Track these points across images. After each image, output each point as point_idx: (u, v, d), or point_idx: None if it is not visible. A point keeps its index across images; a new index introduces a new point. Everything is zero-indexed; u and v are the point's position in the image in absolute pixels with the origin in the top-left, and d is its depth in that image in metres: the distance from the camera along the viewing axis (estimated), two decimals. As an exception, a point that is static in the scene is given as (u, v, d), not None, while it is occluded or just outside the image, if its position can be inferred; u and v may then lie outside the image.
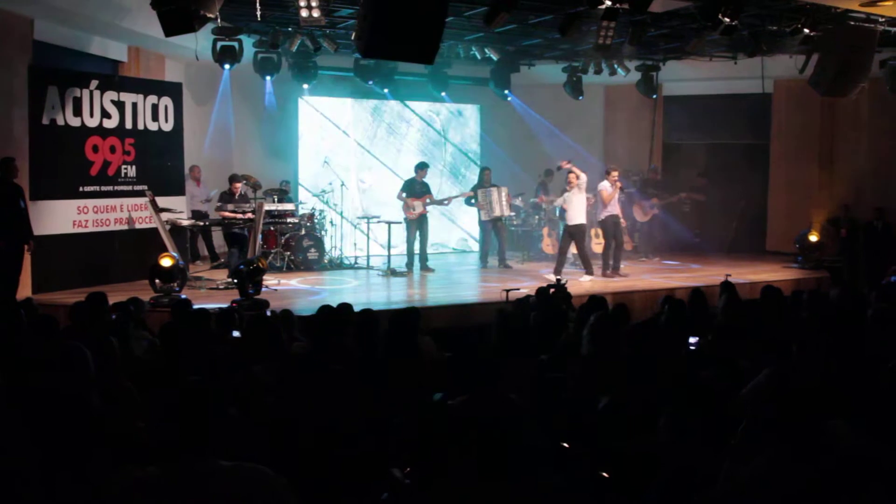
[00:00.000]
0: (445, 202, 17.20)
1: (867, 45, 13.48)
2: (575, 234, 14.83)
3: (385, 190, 18.25)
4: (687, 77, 19.33)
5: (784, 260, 17.56)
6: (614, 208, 15.47)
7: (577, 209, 14.72)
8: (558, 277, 11.06)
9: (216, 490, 3.18)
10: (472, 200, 17.04)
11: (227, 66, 15.21)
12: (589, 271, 14.75)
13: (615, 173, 15.37)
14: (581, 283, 13.78)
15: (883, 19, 13.18)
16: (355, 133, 18.90)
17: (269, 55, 16.07)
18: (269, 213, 14.71)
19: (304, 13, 11.90)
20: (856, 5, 12.38)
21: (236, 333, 7.77)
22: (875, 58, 14.15)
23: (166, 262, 11.72)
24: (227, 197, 14.70)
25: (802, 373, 3.95)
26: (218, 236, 16.02)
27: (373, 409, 5.25)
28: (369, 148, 19.05)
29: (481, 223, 17.15)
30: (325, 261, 16.21)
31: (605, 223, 15.49)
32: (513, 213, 17.45)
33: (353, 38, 11.12)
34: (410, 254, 16.07)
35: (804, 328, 6.88)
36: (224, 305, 10.45)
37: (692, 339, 7.25)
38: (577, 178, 14.59)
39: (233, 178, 15.00)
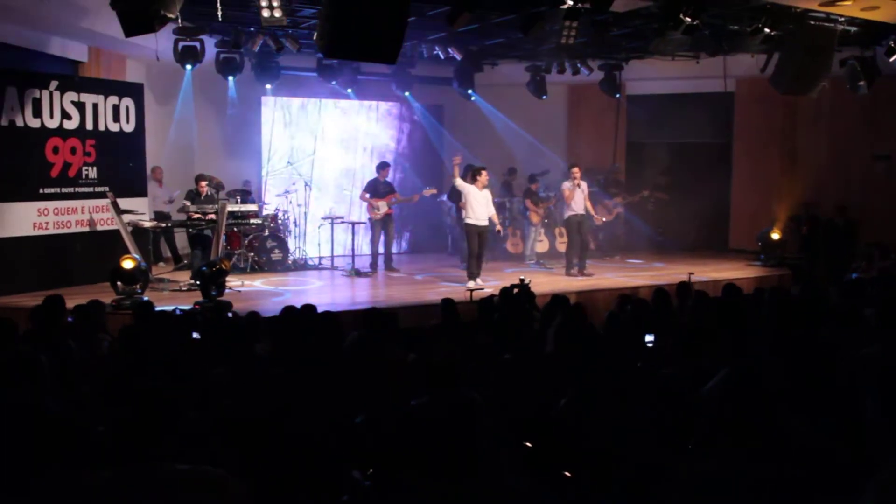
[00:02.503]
0: (413, 199, 17.10)
1: (827, 45, 13.60)
2: (482, 233, 14.31)
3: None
4: (650, 76, 19.40)
5: (746, 258, 17.69)
6: (579, 207, 15.36)
7: (478, 206, 14.21)
8: (522, 278, 11.05)
9: (171, 494, 3.15)
10: (454, 198, 16.75)
11: (188, 67, 15.07)
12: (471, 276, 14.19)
13: (576, 170, 15.31)
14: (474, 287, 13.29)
15: (842, 19, 13.28)
16: (318, 133, 18.82)
17: (231, 55, 15.98)
18: (231, 213, 14.63)
19: (265, 13, 11.82)
20: (815, 5, 12.48)
21: (196, 335, 7.73)
22: (835, 57, 14.26)
23: (128, 264, 11.63)
24: (193, 196, 14.62)
25: (761, 371, 3.97)
26: (181, 238, 15.93)
27: (333, 410, 5.23)
28: (332, 147, 18.98)
29: (460, 223, 16.80)
30: (289, 261, 16.15)
31: (569, 222, 15.45)
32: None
33: (315, 38, 11.09)
34: (375, 254, 16.02)
35: (765, 326, 6.92)
36: (187, 307, 10.39)
37: (649, 337, 7.27)
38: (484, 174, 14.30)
39: (199, 178, 14.91)
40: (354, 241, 15.83)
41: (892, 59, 14.36)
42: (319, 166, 18.69)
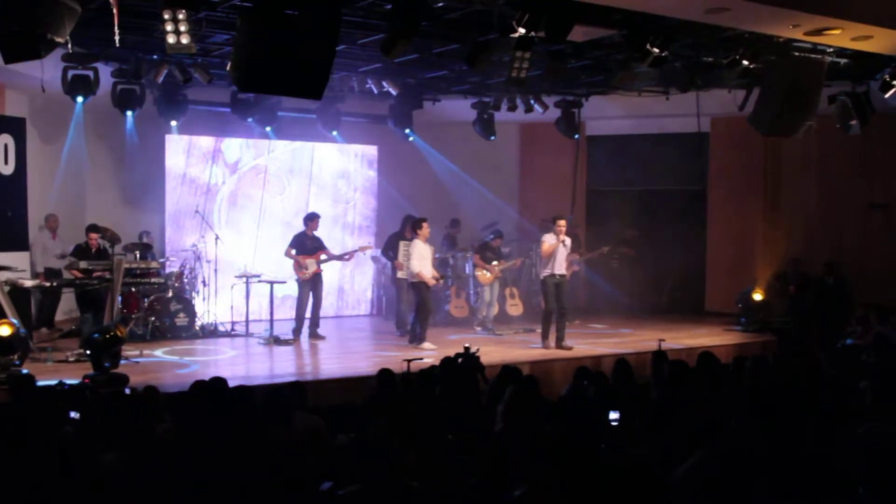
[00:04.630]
0: (346, 257, 17.02)
1: (814, 79, 13.67)
2: (419, 289, 15.06)
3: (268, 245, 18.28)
4: (613, 115, 19.59)
5: (725, 321, 17.81)
6: (560, 266, 15.01)
7: (426, 261, 15.06)
8: (466, 345, 11.05)
9: None
10: (391, 253, 16.91)
11: (79, 99, 14.95)
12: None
13: (562, 223, 14.92)
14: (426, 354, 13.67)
15: (831, 50, 13.41)
16: (231, 178, 18.78)
17: (131, 87, 15.87)
18: (129, 271, 14.49)
19: (171, 39, 11.73)
20: (800, 34, 12.54)
21: (74, 414, 7.59)
22: (823, 93, 14.38)
23: (4, 330, 11.45)
24: (82, 251, 14.38)
25: (741, 453, 4.01)
26: (69, 299, 15.72)
27: (247, 500, 5.19)
28: (248, 195, 18.93)
29: (396, 282, 17.01)
30: (197, 327, 15.99)
31: (546, 283, 15.07)
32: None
33: (228, 68, 11.11)
34: (300, 318, 15.89)
35: (745, 400, 6.98)
36: (75, 381, 10.25)
37: (613, 415, 7.28)
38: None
39: (90, 229, 14.64)
40: (272, 303, 15.76)
41: (887, 95, 14.49)
42: (235, 216, 18.64)
